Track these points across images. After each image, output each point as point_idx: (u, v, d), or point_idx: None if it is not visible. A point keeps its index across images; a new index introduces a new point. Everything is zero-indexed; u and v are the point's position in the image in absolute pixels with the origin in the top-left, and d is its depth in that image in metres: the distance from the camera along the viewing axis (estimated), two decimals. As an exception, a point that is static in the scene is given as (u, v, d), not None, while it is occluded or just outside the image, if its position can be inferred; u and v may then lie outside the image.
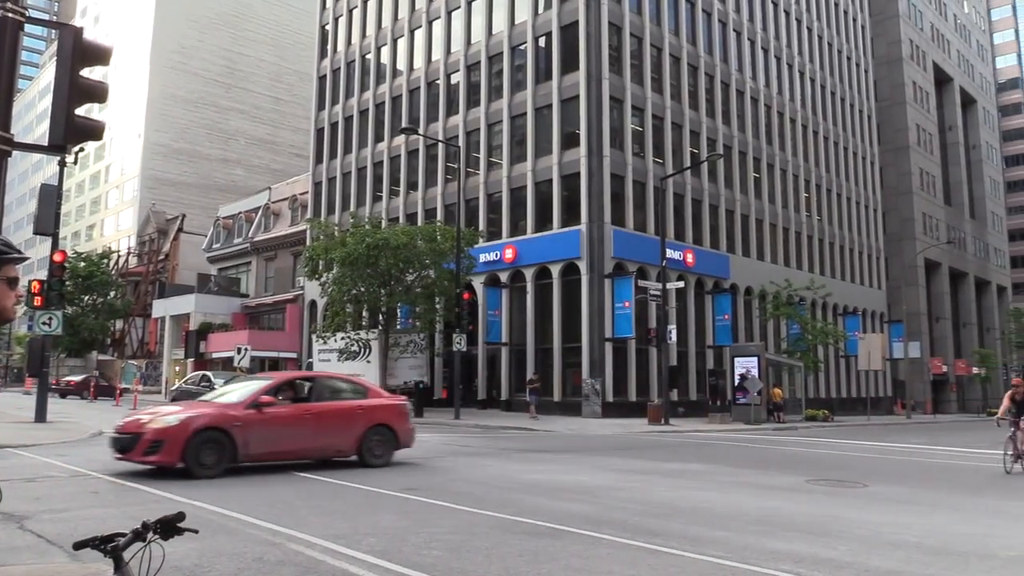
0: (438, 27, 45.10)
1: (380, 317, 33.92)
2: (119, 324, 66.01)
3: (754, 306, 44.86)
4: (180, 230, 67.15)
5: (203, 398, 14.25)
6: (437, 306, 34.89)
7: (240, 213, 59.82)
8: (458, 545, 6.92)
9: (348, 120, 50.20)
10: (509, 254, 38.53)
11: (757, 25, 49.26)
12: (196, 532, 2.97)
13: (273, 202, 57.46)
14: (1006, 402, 15.20)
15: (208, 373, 25.84)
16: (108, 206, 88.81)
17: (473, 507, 8.97)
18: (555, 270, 36.98)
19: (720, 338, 41.11)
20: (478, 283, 38.59)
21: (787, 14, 52.61)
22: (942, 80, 78.03)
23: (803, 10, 54.50)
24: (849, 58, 60.25)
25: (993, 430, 16.48)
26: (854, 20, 61.93)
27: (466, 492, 10.36)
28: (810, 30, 55.18)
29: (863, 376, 53.19)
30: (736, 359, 35.75)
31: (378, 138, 47.71)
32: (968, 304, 76.44)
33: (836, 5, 59.35)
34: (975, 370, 70.65)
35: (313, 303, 48.81)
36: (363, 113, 49.22)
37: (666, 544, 7.09)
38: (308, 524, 7.71)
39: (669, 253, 34.96)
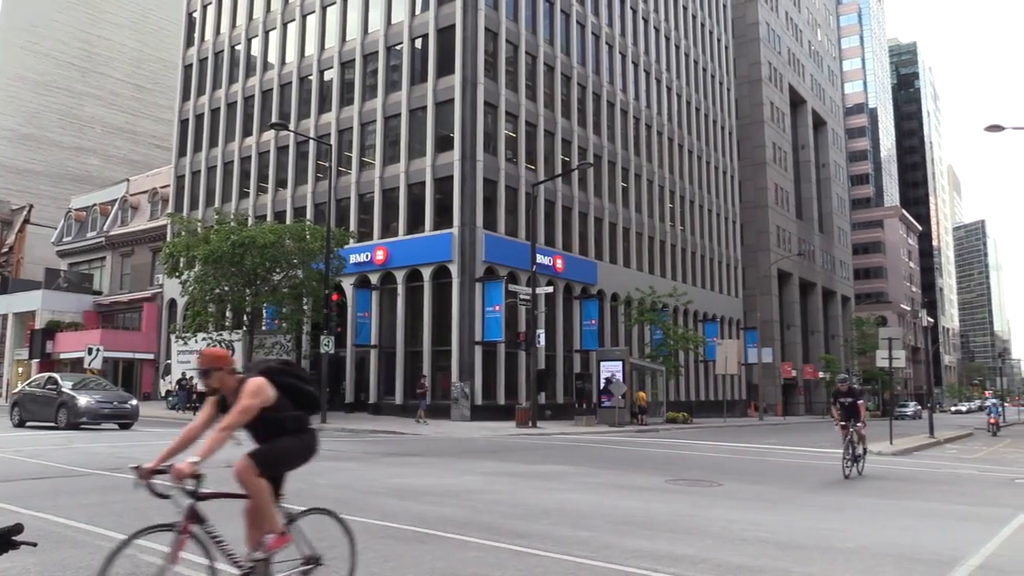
0: (312, 21, 44.18)
1: (245, 318, 32.86)
2: (-46, 320, 61.15)
3: (620, 312, 46.16)
4: (27, 221, 62.77)
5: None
6: (305, 307, 34.15)
7: (95, 205, 56.61)
8: (322, 552, 6.81)
9: (215, 112, 48.43)
10: (380, 255, 38.17)
11: (628, 40, 50.81)
12: (35, 545, 2.81)
13: (132, 195, 54.71)
14: (834, 410, 16.23)
15: (55, 375, 24.21)
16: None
17: (339, 512, 8.84)
18: (426, 273, 36.90)
19: (587, 342, 42.08)
20: (348, 284, 38.04)
21: (657, 31, 54.54)
22: (797, 102, 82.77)
23: (672, 28, 56.65)
24: (713, 76, 63.07)
25: (834, 430, 17.60)
26: (719, 40, 64.90)
27: (332, 497, 10.19)
28: (678, 47, 57.40)
29: (720, 380, 55.67)
30: (602, 363, 36.70)
31: (246, 132, 46.25)
32: (816, 312, 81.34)
33: (703, 25, 62.02)
34: (821, 374, 75.37)
35: (173, 302, 46.82)
36: (231, 106, 47.60)
37: (532, 545, 7.22)
38: (164, 533, 7.39)
39: (539, 258, 35.52)
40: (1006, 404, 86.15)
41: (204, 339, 33.75)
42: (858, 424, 15.31)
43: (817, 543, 7.81)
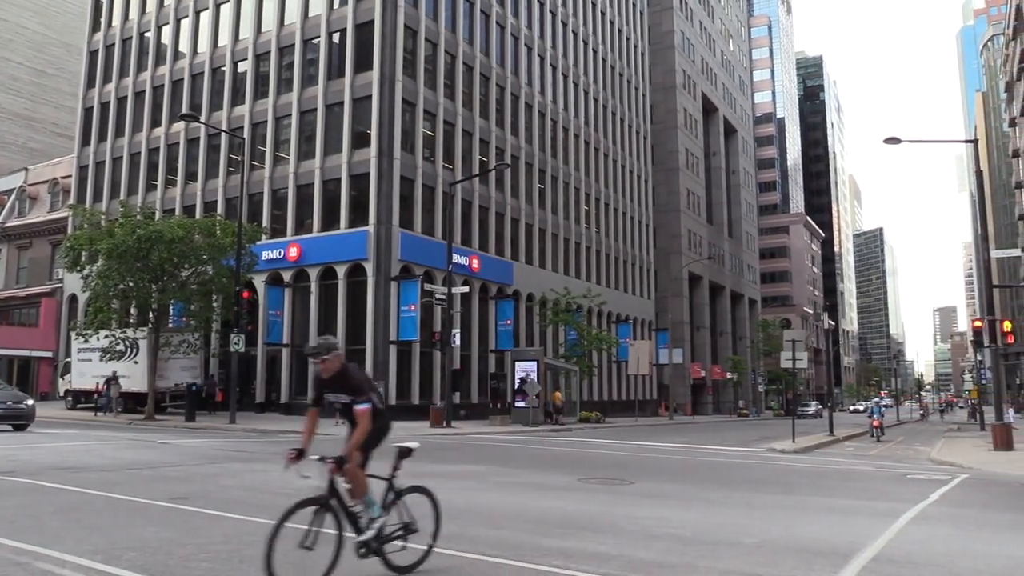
0: (226, 11, 43.07)
1: (150, 314, 31.72)
2: None
3: (535, 312, 46.52)
4: (-87, 209, 59.35)
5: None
6: (214, 304, 33.20)
7: (-11, 194, 53.89)
8: (229, 555, 6.66)
9: (121, 101, 46.71)
10: (293, 252, 37.50)
11: (547, 43, 51.25)
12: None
13: (30, 184, 52.36)
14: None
15: (-58, 372, 23.03)
16: None
17: (247, 514, 8.66)
18: (341, 271, 36.43)
19: (502, 342, 42.28)
20: (259, 281, 37.27)
21: (575, 35, 55.18)
22: (709, 109, 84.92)
23: (590, 33, 57.41)
24: (629, 82, 64.19)
25: (742, 429, 18.12)
26: (635, 47, 66.09)
27: (240, 499, 9.98)
28: (595, 52, 58.20)
29: (632, 380, 56.67)
30: (517, 363, 36.94)
31: (155, 123, 44.78)
32: (724, 315, 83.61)
33: (620, 31, 63.05)
34: (728, 375, 77.60)
35: (74, 297, 44.99)
36: (139, 95, 46.00)
37: (444, 546, 7.20)
38: (60, 540, 7.12)
39: (456, 258, 35.49)
40: (902, 402, 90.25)
41: (107, 336, 32.50)
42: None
43: (724, 538, 8.04)
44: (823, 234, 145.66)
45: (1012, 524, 9.96)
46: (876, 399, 37.16)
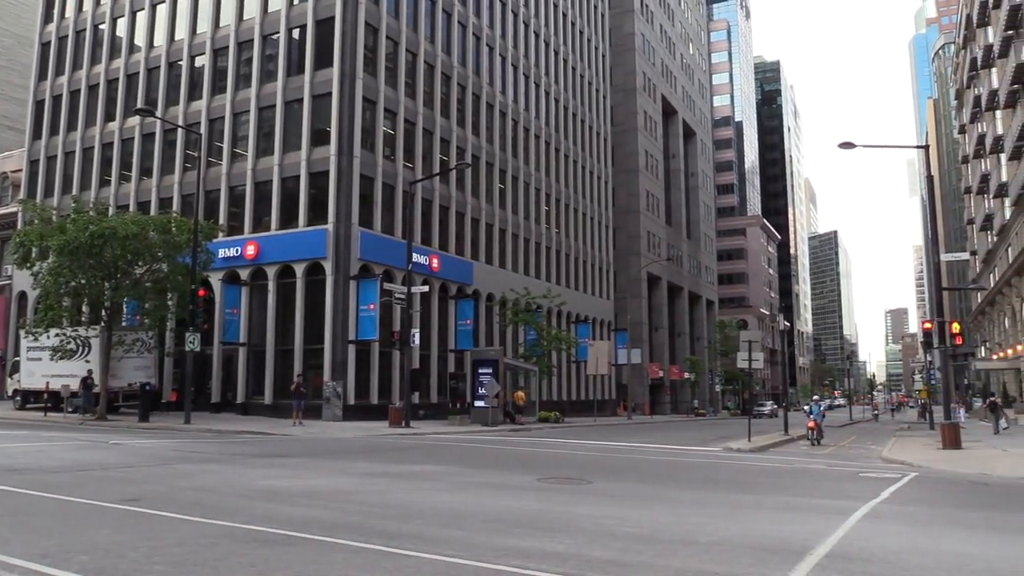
0: (183, 4, 42.39)
1: (103, 312, 31.10)
2: None
3: (495, 312, 46.53)
4: None
5: None
6: (169, 302, 32.70)
7: (-66, 188, 52.35)
8: (183, 558, 6.56)
9: (75, 94, 45.73)
10: (251, 250, 37.05)
11: (509, 43, 51.30)
12: None
13: (-23, 178, 50.91)
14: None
15: None
16: None
17: (201, 516, 8.54)
18: (299, 269, 36.08)
19: (462, 342, 42.23)
20: (216, 280, 36.77)
21: (537, 36, 55.32)
22: (669, 112, 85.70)
23: (551, 34, 57.59)
24: (590, 83, 64.52)
25: (699, 428, 18.32)
26: (596, 49, 66.45)
27: (194, 501, 9.85)
28: (557, 53, 58.40)
29: (591, 380, 56.93)
30: (476, 363, 36.91)
31: (109, 117, 43.93)
32: (682, 315, 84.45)
33: (581, 33, 63.35)
34: (686, 375, 78.41)
35: (23, 295, 43.97)
36: (93, 88, 45.08)
37: (402, 546, 7.19)
38: (8, 543, 6.96)
39: (415, 257, 35.36)
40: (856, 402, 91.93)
41: (57, 335, 31.83)
42: None
43: (680, 536, 8.13)
44: (779, 236, 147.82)
45: (959, 521, 10.21)
46: (815, 397, 32.99)
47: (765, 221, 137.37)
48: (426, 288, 36.25)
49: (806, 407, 32.13)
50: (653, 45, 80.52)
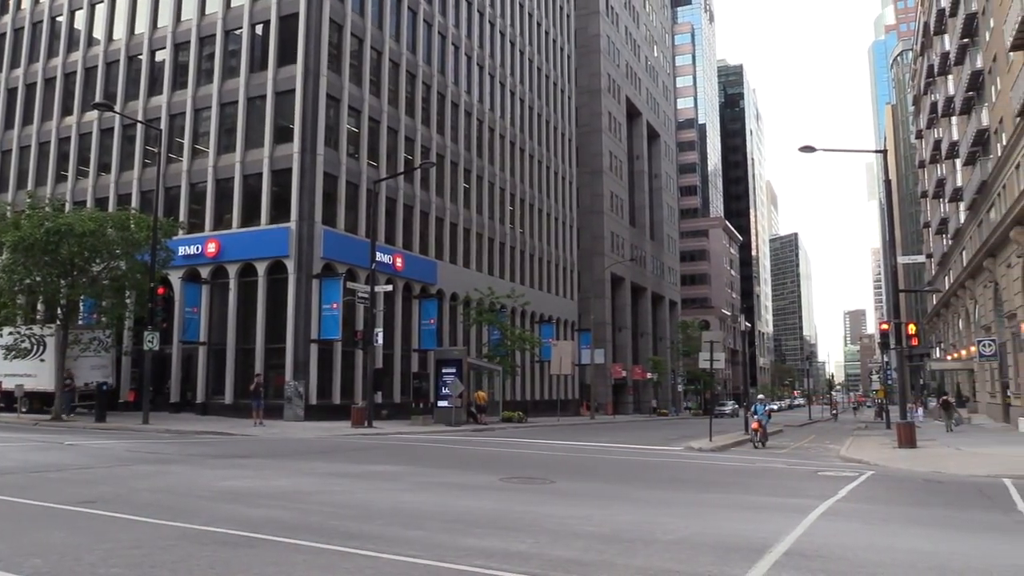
0: (143, -1, 41.76)
1: (59, 310, 30.51)
2: None
3: (459, 312, 46.46)
4: None
5: None
6: (127, 301, 32.19)
7: None
8: (140, 560, 6.46)
9: (31, 88, 44.78)
10: (212, 248, 36.59)
11: (474, 42, 51.25)
12: None
13: (-72, 172, 49.57)
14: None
15: None
16: None
17: (160, 518, 8.41)
18: (261, 267, 35.71)
19: (425, 342, 42.10)
20: (176, 278, 36.27)
21: (502, 35, 55.33)
22: (633, 113, 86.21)
23: (517, 34, 57.65)
24: (555, 84, 64.68)
25: (662, 428, 18.46)
26: (561, 50, 66.63)
27: (152, 502, 9.69)
28: (522, 53, 58.47)
29: (555, 380, 57.12)
30: (440, 363, 36.82)
31: (66, 111, 43.11)
32: (646, 316, 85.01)
33: (547, 34, 63.48)
34: (649, 375, 78.94)
35: (-25, 291, 42.90)
36: (49, 81, 44.18)
37: (363, 547, 7.15)
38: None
39: (379, 256, 35.20)
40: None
41: (11, 333, 31.16)
42: None
43: (642, 536, 8.17)
44: (741, 238, 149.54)
45: (914, 518, 10.40)
46: (760, 396, 30.44)
47: (727, 223, 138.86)
48: (390, 287, 36.09)
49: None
50: (618, 47, 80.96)
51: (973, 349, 41.41)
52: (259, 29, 38.42)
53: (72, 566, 6.20)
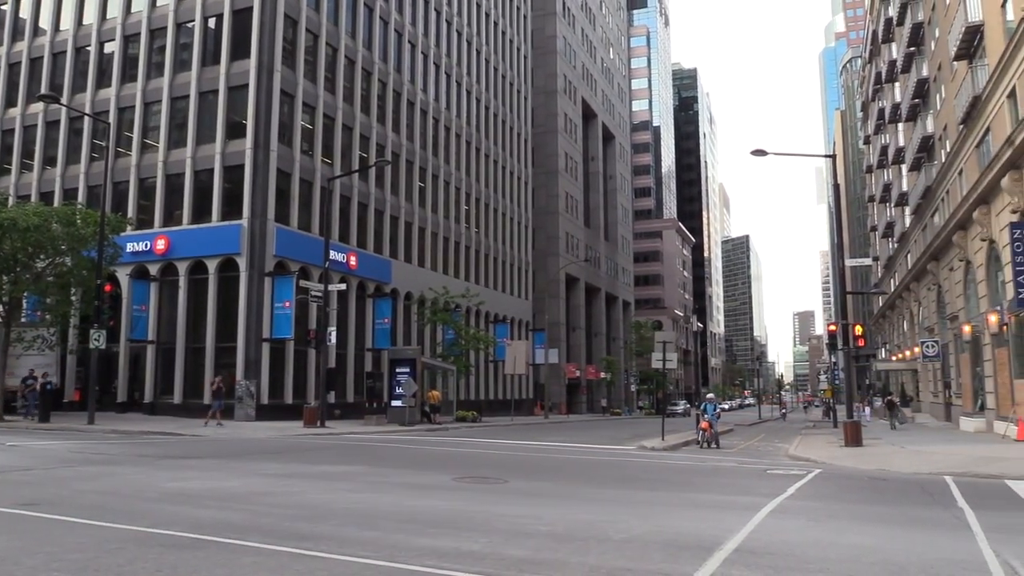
0: (91, -11, 40.83)
1: (1, 307, 29.71)
2: None
3: (413, 311, 46.28)
4: None
5: None
6: (73, 298, 31.46)
7: None
8: (85, 564, 6.31)
9: (-29, 78, 43.50)
10: (161, 245, 35.94)
11: (431, 40, 51.08)
12: None
13: None
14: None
15: None
16: None
17: (105, 520, 8.24)
18: (212, 265, 35.17)
19: (379, 341, 41.85)
20: (123, 274, 35.58)
21: (459, 35, 55.24)
22: (589, 115, 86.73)
23: (474, 33, 57.60)
24: (512, 84, 64.77)
25: (615, 427, 18.59)
26: (518, 50, 66.74)
27: (97, 504, 9.49)
28: (479, 53, 58.43)
29: (509, 379, 57.20)
30: (394, 362, 36.63)
31: (10, 103, 41.98)
32: (600, 316, 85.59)
33: (503, 33, 63.53)
34: (602, 375, 79.47)
35: (-89, 287, 41.56)
36: (-9, 72, 42.99)
37: (315, 548, 7.09)
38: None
39: (333, 255, 34.91)
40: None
41: (-50, 330, 30.22)
42: None
43: (594, 534, 8.23)
44: (694, 240, 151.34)
45: (859, 515, 10.63)
46: (710, 395, 29.57)
47: (681, 224, 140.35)
48: (343, 286, 35.82)
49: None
50: (574, 48, 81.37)
51: (917, 350, 42.43)
52: (212, 22, 37.84)
53: (12, 570, 6.05)
